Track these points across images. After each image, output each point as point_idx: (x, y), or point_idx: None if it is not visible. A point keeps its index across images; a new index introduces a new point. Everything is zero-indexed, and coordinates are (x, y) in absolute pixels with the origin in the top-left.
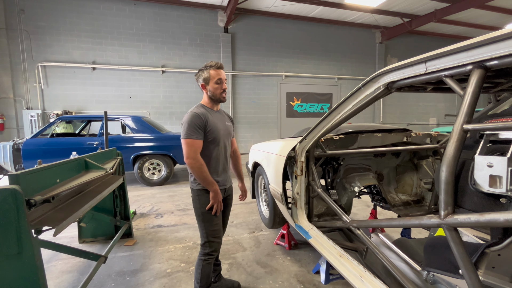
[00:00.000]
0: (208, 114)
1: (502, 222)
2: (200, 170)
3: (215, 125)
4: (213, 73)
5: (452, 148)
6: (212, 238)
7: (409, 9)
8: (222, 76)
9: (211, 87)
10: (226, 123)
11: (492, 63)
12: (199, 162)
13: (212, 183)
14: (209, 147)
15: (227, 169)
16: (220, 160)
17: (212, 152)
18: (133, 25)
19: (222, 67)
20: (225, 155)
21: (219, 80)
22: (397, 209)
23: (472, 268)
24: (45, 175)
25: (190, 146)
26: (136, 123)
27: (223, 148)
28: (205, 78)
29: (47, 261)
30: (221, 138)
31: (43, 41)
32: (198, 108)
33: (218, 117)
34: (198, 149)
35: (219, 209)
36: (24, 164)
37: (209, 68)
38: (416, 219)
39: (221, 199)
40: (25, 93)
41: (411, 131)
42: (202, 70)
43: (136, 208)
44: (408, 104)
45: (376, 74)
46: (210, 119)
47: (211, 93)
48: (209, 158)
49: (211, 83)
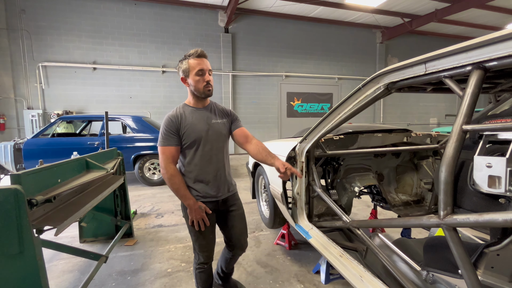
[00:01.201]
0: (185, 114)
1: (500, 222)
2: (170, 181)
3: (192, 127)
4: (193, 63)
5: (451, 149)
6: (199, 251)
7: (409, 9)
8: (204, 66)
9: (192, 80)
10: (212, 120)
11: (491, 64)
12: (169, 172)
13: (184, 197)
14: (188, 152)
15: (221, 176)
16: (208, 167)
17: (193, 159)
18: (133, 25)
19: (204, 55)
20: (216, 160)
21: (201, 71)
22: (397, 209)
23: (471, 268)
24: (46, 175)
25: (162, 153)
26: (136, 123)
27: (209, 152)
28: (184, 69)
29: (48, 261)
30: (204, 139)
31: (44, 41)
32: (176, 109)
33: (200, 116)
34: (171, 157)
35: (201, 224)
36: (25, 164)
37: (188, 57)
38: (416, 219)
39: (201, 215)
40: (26, 93)
41: (411, 131)
42: (181, 61)
43: (137, 208)
44: (408, 104)
45: (376, 75)
46: (187, 120)
47: (192, 87)
48: (190, 165)
49: (191, 75)
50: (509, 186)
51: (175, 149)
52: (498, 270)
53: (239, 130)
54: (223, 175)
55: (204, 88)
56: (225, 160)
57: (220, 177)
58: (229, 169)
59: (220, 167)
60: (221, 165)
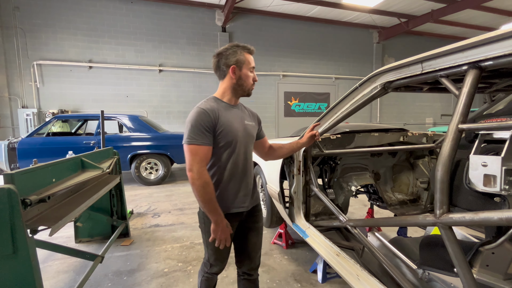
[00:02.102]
0: (221, 110)
1: (495, 220)
2: (203, 190)
3: (229, 125)
4: (250, 58)
5: (447, 148)
6: (214, 263)
7: (406, 9)
8: (254, 64)
9: (243, 75)
10: (246, 121)
11: (487, 64)
12: (203, 179)
13: (215, 211)
14: (221, 155)
15: (248, 184)
16: (239, 173)
17: (226, 163)
18: (130, 23)
19: (254, 53)
20: (244, 166)
21: (252, 69)
22: (393, 208)
23: (467, 266)
24: (40, 175)
25: (194, 154)
26: (133, 122)
27: (242, 156)
28: (240, 60)
29: (42, 261)
30: (239, 142)
31: (39, 39)
32: (208, 102)
33: (235, 114)
34: (205, 159)
35: (222, 243)
36: (20, 164)
37: (243, 49)
38: (412, 218)
39: (227, 234)
40: (21, 91)
41: (407, 131)
42: (232, 49)
43: (133, 207)
44: (405, 104)
45: (373, 74)
46: (223, 117)
47: (240, 81)
48: (221, 170)
49: (244, 68)
50: (504, 185)
51: (209, 150)
52: (493, 268)
53: (264, 140)
54: (252, 182)
55: (250, 86)
56: (252, 166)
57: (249, 185)
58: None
59: (250, 173)
60: (251, 171)
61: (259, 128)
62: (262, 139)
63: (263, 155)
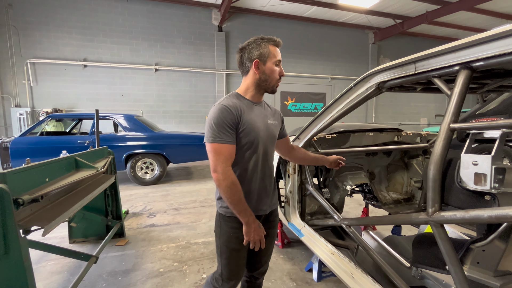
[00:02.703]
0: (244, 107)
1: (485, 218)
2: (230, 191)
3: (252, 123)
4: (275, 50)
5: (439, 147)
6: (227, 277)
7: (401, 10)
8: (281, 58)
9: (267, 69)
10: (268, 120)
11: (478, 64)
12: (229, 179)
13: (245, 211)
14: (242, 155)
15: (268, 187)
16: (261, 174)
17: (247, 163)
18: (125, 22)
19: (281, 45)
20: (268, 167)
21: (279, 62)
22: (388, 207)
23: (458, 263)
24: (33, 174)
25: (218, 154)
26: (128, 121)
27: (263, 157)
28: (264, 53)
29: (36, 262)
30: (261, 142)
31: (32, 37)
32: (230, 98)
33: (258, 113)
34: (230, 158)
35: (257, 245)
36: (12, 163)
37: (268, 41)
38: (405, 216)
39: (261, 235)
40: (14, 90)
41: (401, 131)
42: (256, 42)
43: (129, 207)
44: (400, 104)
45: (368, 74)
46: (246, 115)
47: (264, 77)
48: (241, 171)
49: (269, 62)
50: (494, 183)
51: (233, 148)
52: (483, 265)
53: (286, 139)
54: (271, 185)
55: (276, 82)
56: (272, 168)
57: (269, 187)
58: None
59: (271, 174)
60: (272, 172)
61: (282, 127)
62: (284, 138)
63: (285, 155)
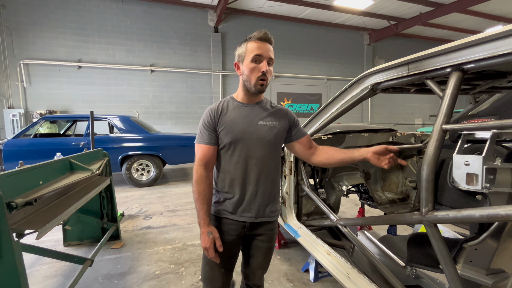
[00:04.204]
0: (228, 108)
1: (477, 217)
2: (193, 188)
3: (231, 125)
4: (251, 46)
5: (432, 148)
6: (203, 280)
7: (395, 12)
8: (263, 51)
9: (245, 67)
10: (260, 121)
11: (469, 66)
12: (194, 176)
13: (198, 212)
14: (223, 156)
15: (258, 193)
16: (242, 178)
17: (227, 165)
18: (121, 23)
19: (269, 39)
20: (255, 172)
21: (257, 57)
22: (383, 207)
23: (451, 262)
24: (27, 177)
25: (196, 152)
26: (124, 123)
27: (246, 160)
28: (241, 53)
29: (29, 266)
30: (243, 143)
31: (26, 38)
32: (220, 102)
33: (245, 113)
34: (202, 158)
35: (210, 254)
36: (5, 166)
37: (248, 39)
38: (399, 216)
39: (206, 245)
40: (6, 91)
41: (396, 131)
42: (240, 43)
43: (124, 209)
44: (395, 105)
45: (362, 76)
46: (227, 116)
47: (244, 77)
48: (223, 172)
49: (245, 60)
50: (485, 183)
51: (208, 149)
52: (476, 264)
53: (302, 141)
54: (261, 192)
55: (256, 81)
56: (269, 175)
57: (255, 194)
58: (274, 187)
59: (259, 180)
60: (261, 178)
61: (292, 128)
62: (299, 140)
63: (307, 158)
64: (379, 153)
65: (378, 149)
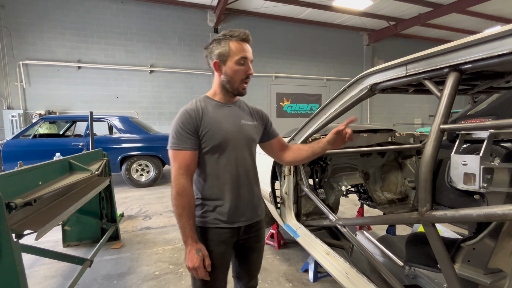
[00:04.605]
0: (209, 109)
1: (475, 217)
2: (175, 202)
3: (218, 125)
4: (237, 47)
5: (430, 148)
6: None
7: (394, 12)
8: (248, 54)
9: (229, 70)
10: (242, 121)
11: (466, 67)
12: (176, 188)
13: (184, 228)
14: (208, 160)
15: (249, 195)
16: (233, 182)
17: (215, 169)
18: (120, 23)
19: (249, 39)
20: (244, 173)
21: (243, 60)
22: (382, 207)
23: (449, 262)
24: (26, 177)
25: (172, 160)
26: (123, 123)
27: (236, 162)
28: (222, 53)
29: (29, 267)
30: (231, 144)
31: (25, 39)
32: (195, 101)
33: (227, 113)
34: (184, 166)
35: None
36: (5, 166)
37: (230, 38)
38: (398, 216)
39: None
40: (6, 92)
41: (395, 131)
42: (218, 40)
43: (124, 210)
44: (394, 105)
45: (360, 76)
46: (209, 117)
47: (227, 77)
48: (210, 178)
49: (230, 61)
50: (483, 183)
51: (190, 155)
52: (474, 263)
53: (275, 141)
54: (251, 193)
55: (240, 83)
56: (254, 174)
57: (247, 196)
58: (258, 186)
59: (248, 182)
60: (250, 179)
61: (267, 128)
62: (273, 140)
63: (278, 158)
64: (334, 139)
65: (330, 137)
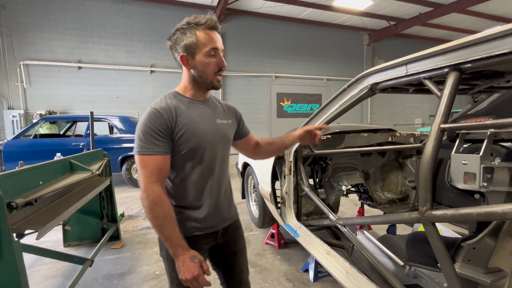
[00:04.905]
0: (182, 107)
1: (475, 216)
2: (152, 214)
3: (194, 126)
4: (204, 37)
5: (430, 147)
6: None
7: (394, 12)
8: (218, 44)
9: (198, 63)
10: (218, 120)
11: (466, 66)
12: (151, 197)
13: (170, 239)
14: (185, 165)
15: (225, 197)
16: (211, 186)
17: (191, 174)
18: (120, 23)
19: (217, 26)
20: (221, 175)
21: (214, 51)
22: (383, 207)
23: (449, 261)
24: (27, 177)
25: (142, 167)
26: (124, 123)
27: (212, 165)
28: (189, 44)
29: (29, 266)
30: (208, 147)
31: (26, 39)
32: (164, 99)
33: (202, 112)
34: (156, 173)
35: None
36: (5, 167)
37: (195, 26)
38: (397, 215)
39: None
40: (6, 92)
41: (395, 131)
42: (182, 29)
43: (124, 210)
44: (394, 105)
45: (360, 76)
46: (184, 117)
47: (197, 72)
48: (186, 184)
49: (199, 53)
50: (483, 182)
51: (164, 159)
52: (474, 262)
53: (248, 138)
54: (227, 196)
55: (214, 76)
56: (227, 174)
57: (224, 199)
58: (230, 185)
59: (226, 184)
60: (226, 181)
61: (240, 126)
62: (245, 138)
63: (250, 155)
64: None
65: (301, 133)
